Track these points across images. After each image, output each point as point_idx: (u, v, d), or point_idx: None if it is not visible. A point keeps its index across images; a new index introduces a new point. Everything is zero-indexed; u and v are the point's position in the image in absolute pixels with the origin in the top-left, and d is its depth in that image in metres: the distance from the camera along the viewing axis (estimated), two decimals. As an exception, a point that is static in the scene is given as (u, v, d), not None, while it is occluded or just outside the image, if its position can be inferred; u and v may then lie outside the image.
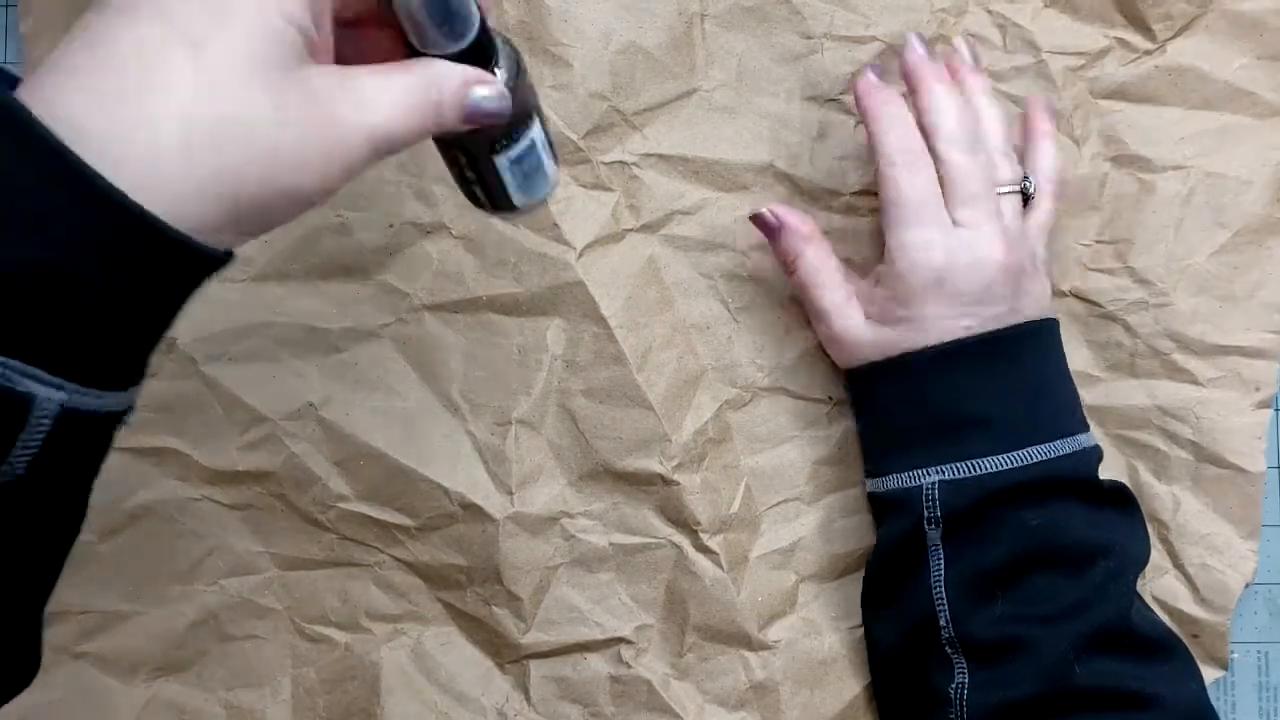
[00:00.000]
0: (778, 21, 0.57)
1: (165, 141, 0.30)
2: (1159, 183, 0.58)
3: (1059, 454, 0.51)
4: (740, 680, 0.57)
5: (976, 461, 0.50)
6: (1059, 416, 0.52)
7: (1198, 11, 0.58)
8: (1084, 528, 0.50)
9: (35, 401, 0.30)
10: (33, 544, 0.34)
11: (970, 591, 0.50)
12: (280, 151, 0.32)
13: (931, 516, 0.51)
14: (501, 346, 0.57)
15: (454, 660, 0.57)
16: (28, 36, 0.56)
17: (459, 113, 0.37)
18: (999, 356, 0.51)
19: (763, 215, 0.55)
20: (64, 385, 0.30)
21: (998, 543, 0.50)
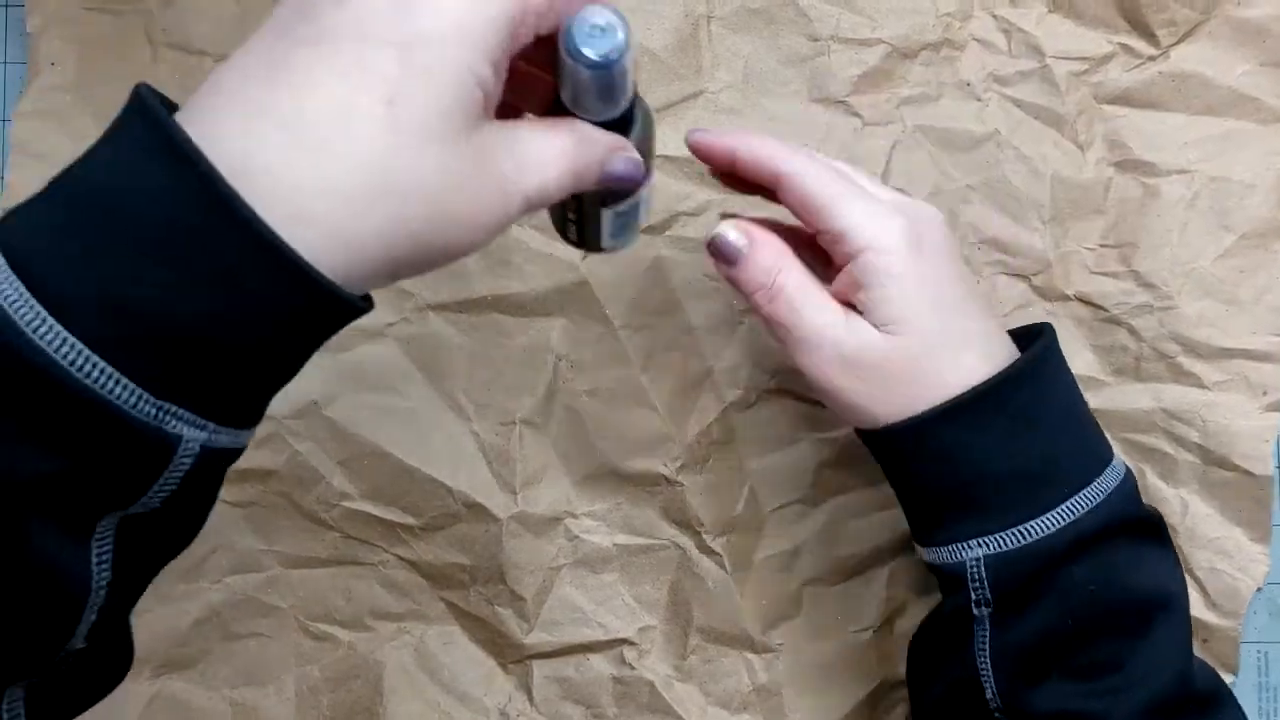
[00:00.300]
0: (784, 24, 0.57)
1: (349, 195, 0.31)
2: (1163, 187, 0.58)
3: (1108, 492, 0.45)
4: (743, 683, 0.57)
5: (1024, 528, 0.44)
6: (1093, 445, 0.47)
7: (1201, 18, 0.58)
8: (1139, 579, 0.45)
9: (182, 442, 0.31)
10: (152, 562, 0.36)
11: (1022, 665, 0.45)
12: (450, 211, 0.33)
13: (981, 597, 0.45)
14: (506, 346, 0.57)
15: (457, 660, 0.57)
16: (33, 34, 0.56)
17: (597, 176, 0.38)
18: (1020, 396, 0.45)
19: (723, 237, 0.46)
20: (206, 425, 0.32)
21: (1051, 612, 0.44)
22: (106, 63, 0.57)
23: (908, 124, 0.58)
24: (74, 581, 0.32)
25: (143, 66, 0.57)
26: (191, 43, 0.57)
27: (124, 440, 0.30)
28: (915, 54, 0.58)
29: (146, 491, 0.32)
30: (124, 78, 0.57)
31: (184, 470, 0.32)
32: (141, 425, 0.30)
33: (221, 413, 0.32)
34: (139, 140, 0.31)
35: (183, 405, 0.31)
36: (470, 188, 0.33)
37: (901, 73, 0.58)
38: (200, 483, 0.33)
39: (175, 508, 0.33)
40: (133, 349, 0.30)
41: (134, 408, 0.30)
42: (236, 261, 0.30)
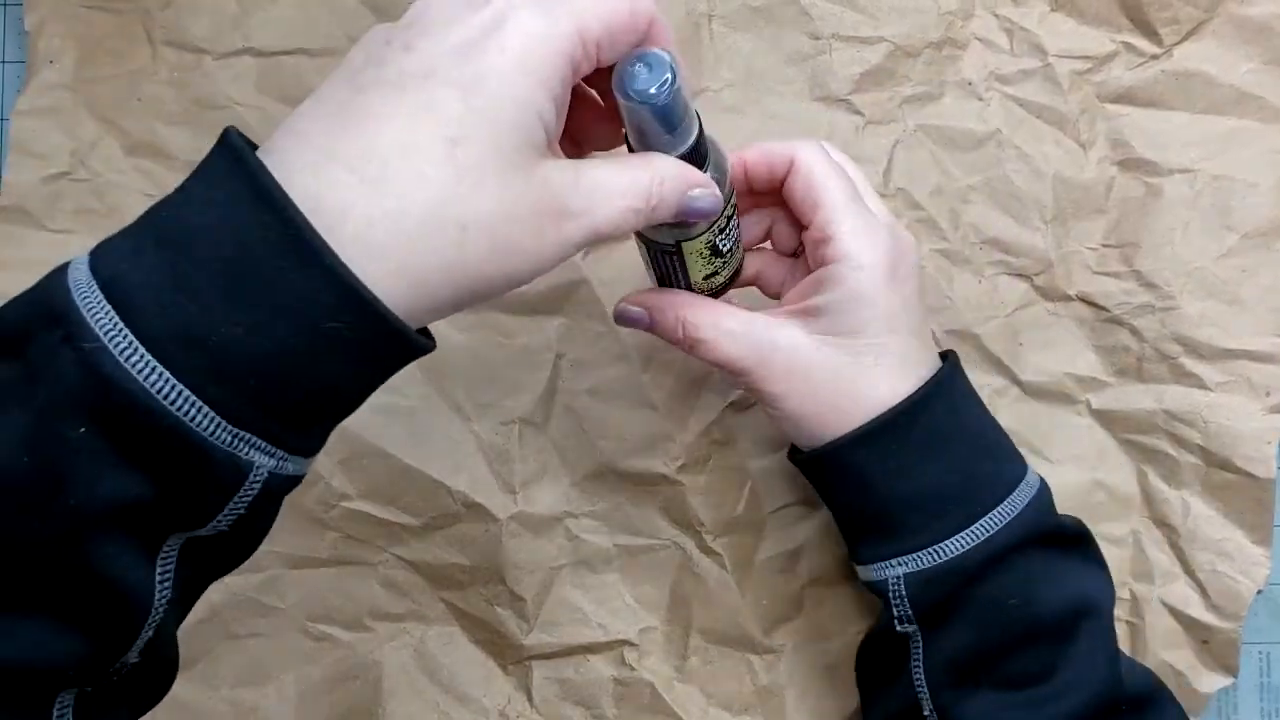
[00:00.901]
0: (786, 22, 0.57)
1: (415, 235, 0.33)
2: (1166, 186, 0.58)
3: (1021, 508, 0.47)
4: (745, 684, 0.57)
5: (939, 548, 0.46)
6: (1004, 463, 0.48)
7: (1204, 16, 0.58)
8: (1059, 590, 0.47)
9: (254, 469, 0.33)
10: (212, 576, 0.38)
11: (953, 678, 0.47)
12: (513, 245, 0.34)
13: (902, 614, 0.47)
14: (506, 346, 0.57)
15: (456, 660, 0.57)
16: (31, 33, 0.56)
17: (675, 210, 0.39)
18: (930, 419, 0.47)
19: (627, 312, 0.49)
20: (276, 453, 0.34)
21: (973, 627, 0.47)
22: (105, 61, 0.57)
23: (909, 123, 0.58)
24: (138, 598, 0.34)
25: (141, 65, 0.57)
26: (190, 41, 0.57)
27: (202, 465, 0.32)
28: (917, 53, 0.57)
29: (217, 515, 0.33)
30: (122, 76, 0.57)
31: (252, 495, 0.34)
32: (219, 452, 0.32)
33: (290, 443, 0.34)
34: (228, 184, 0.33)
35: (258, 434, 0.33)
36: (532, 221, 0.35)
37: (903, 71, 0.57)
38: (263, 508, 0.35)
39: (239, 534, 0.35)
40: (216, 381, 0.31)
41: (213, 435, 0.32)
42: (316, 303, 0.32)
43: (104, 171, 0.56)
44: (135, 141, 0.57)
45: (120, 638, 0.34)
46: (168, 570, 0.34)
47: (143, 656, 0.35)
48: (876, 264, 0.46)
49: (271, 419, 0.33)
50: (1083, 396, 0.58)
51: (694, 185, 0.40)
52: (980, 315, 0.58)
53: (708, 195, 0.40)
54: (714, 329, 0.47)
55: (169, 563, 0.34)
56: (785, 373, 0.47)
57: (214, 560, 0.37)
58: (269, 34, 0.57)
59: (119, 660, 0.35)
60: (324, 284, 0.32)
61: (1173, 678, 0.56)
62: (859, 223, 0.46)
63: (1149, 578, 0.57)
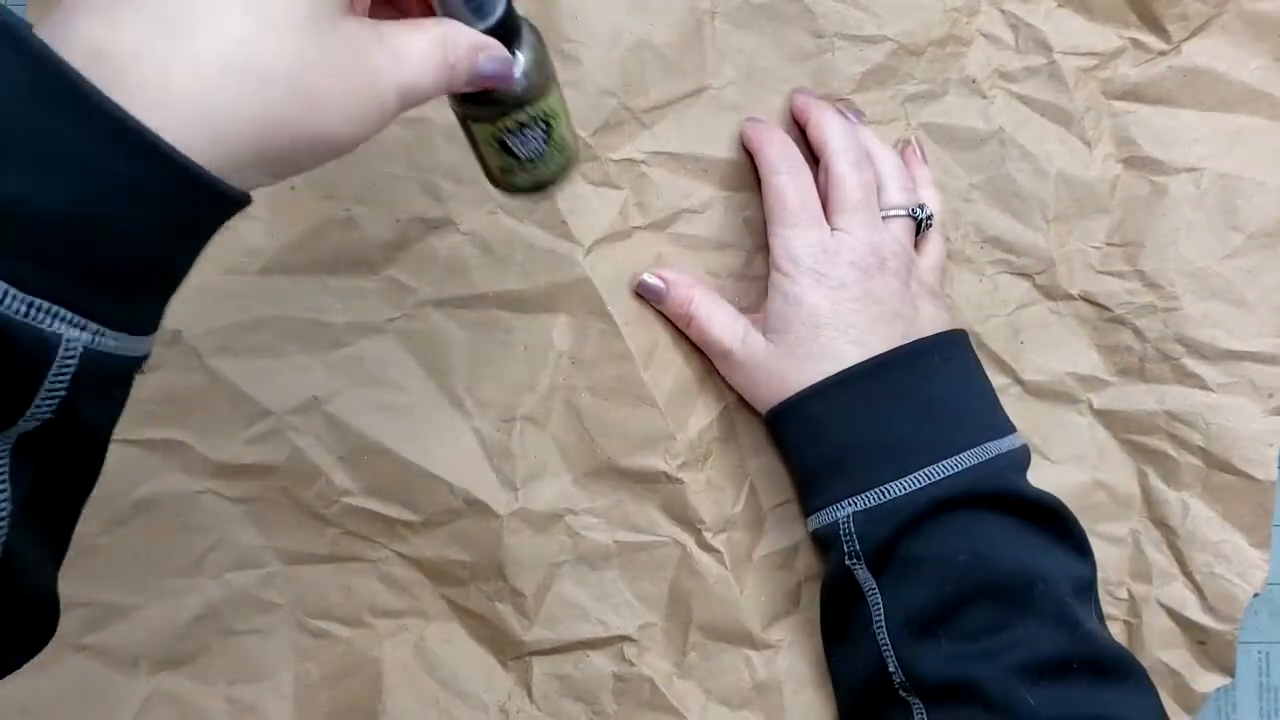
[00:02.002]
0: (788, 20, 0.57)
1: (211, 78, 0.31)
2: (1171, 185, 0.57)
3: (967, 465, 0.51)
4: (743, 679, 0.57)
5: (885, 487, 0.51)
6: (965, 429, 0.52)
7: (1214, 12, 0.57)
8: (1013, 552, 0.50)
9: (62, 341, 0.30)
10: (57, 493, 0.34)
11: (912, 633, 0.50)
12: (321, 97, 0.33)
13: (851, 550, 0.51)
14: (507, 343, 0.57)
15: (456, 657, 0.57)
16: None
17: (468, 75, 0.38)
18: (887, 378, 0.52)
19: (646, 282, 0.56)
20: (86, 326, 0.31)
21: (929, 581, 0.50)
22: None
23: (912, 121, 0.57)
24: None
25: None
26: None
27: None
28: (921, 51, 0.57)
29: (32, 400, 0.30)
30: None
31: (68, 374, 0.31)
32: (12, 324, 0.29)
33: (105, 313, 0.31)
34: None
35: (57, 303, 0.30)
36: (337, 74, 0.34)
37: (906, 69, 0.57)
38: (94, 394, 0.32)
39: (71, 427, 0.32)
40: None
41: (4, 305, 0.29)
42: (92, 146, 0.29)
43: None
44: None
45: None
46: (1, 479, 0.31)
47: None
48: (797, 270, 0.53)
49: (71, 284, 0.30)
50: (1084, 396, 0.58)
51: (483, 48, 0.39)
52: (981, 314, 0.58)
53: (495, 60, 0.39)
54: (710, 310, 0.55)
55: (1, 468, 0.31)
56: (746, 364, 0.55)
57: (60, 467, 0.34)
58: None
59: None
60: (100, 129, 0.29)
61: (1169, 677, 0.56)
62: (787, 231, 0.54)
63: (1147, 578, 0.57)
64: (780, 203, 0.54)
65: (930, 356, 0.53)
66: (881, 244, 0.53)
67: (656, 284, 0.56)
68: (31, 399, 0.30)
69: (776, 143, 0.55)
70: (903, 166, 0.56)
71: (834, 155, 0.54)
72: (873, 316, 0.52)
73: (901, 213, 0.55)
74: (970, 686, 0.48)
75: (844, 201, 0.53)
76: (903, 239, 0.54)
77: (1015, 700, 0.47)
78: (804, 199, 0.54)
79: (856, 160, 0.54)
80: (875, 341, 0.52)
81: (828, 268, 0.53)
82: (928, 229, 0.56)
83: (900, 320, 0.53)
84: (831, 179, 0.54)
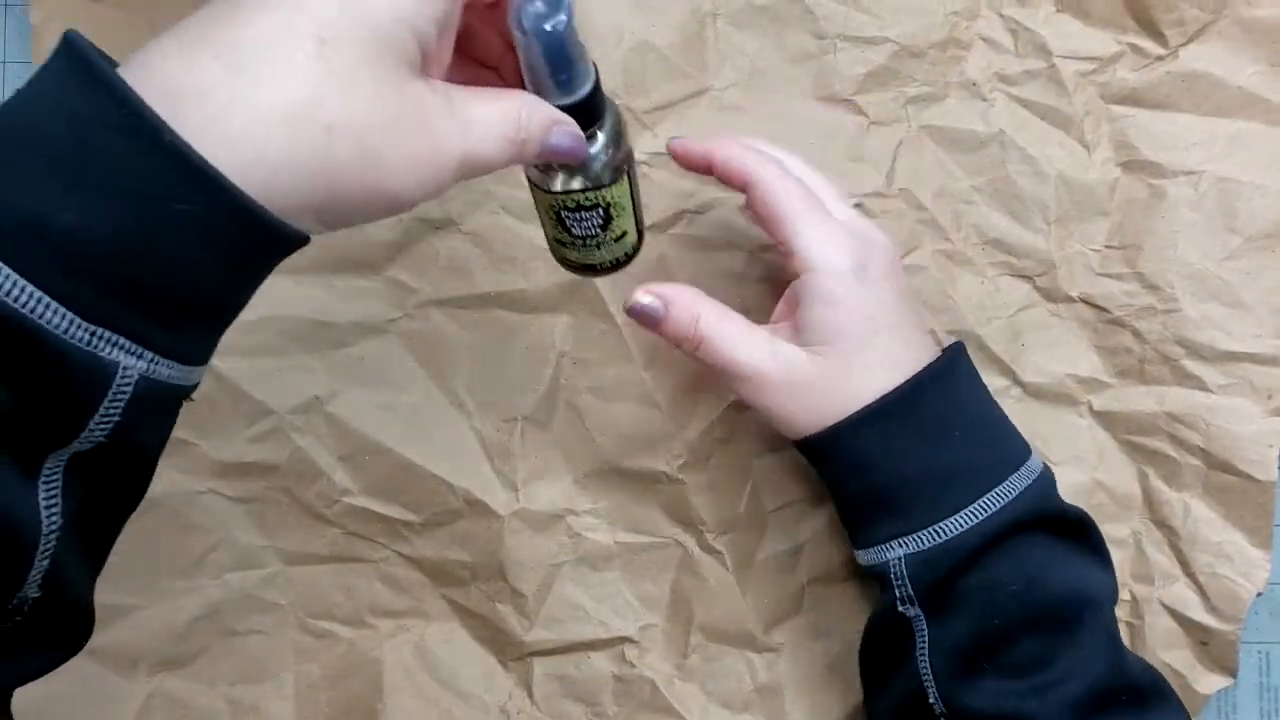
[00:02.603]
0: (790, 21, 0.57)
1: (274, 125, 0.32)
2: (1170, 188, 0.57)
3: (1019, 490, 0.48)
4: (744, 682, 0.57)
5: (939, 527, 0.47)
6: (1005, 447, 0.49)
7: (1210, 18, 0.57)
8: (1061, 577, 0.48)
9: (119, 369, 0.31)
10: (103, 510, 0.36)
11: (957, 665, 0.47)
12: (382, 156, 0.34)
13: (905, 595, 0.48)
14: (509, 343, 0.57)
15: (457, 657, 0.57)
16: (36, 27, 0.56)
17: (539, 148, 0.39)
18: (924, 403, 0.48)
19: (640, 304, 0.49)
20: (143, 354, 0.32)
21: (976, 612, 0.47)
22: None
23: (913, 123, 0.57)
24: (22, 522, 0.32)
25: (145, 59, 0.57)
26: (194, 35, 0.57)
27: (60, 366, 0.30)
28: (922, 53, 0.57)
29: (87, 423, 0.32)
30: (126, 70, 0.57)
31: (123, 400, 0.32)
32: (75, 351, 0.30)
33: (161, 343, 0.32)
34: (61, 76, 0.32)
35: (117, 331, 0.31)
36: (400, 134, 0.34)
37: (908, 71, 0.57)
38: (145, 420, 0.33)
39: (122, 450, 0.33)
40: (63, 274, 0.30)
41: (65, 332, 0.30)
42: (162, 183, 0.31)
43: (107, 166, 0.56)
44: (138, 136, 0.56)
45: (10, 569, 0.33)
46: (53, 494, 0.33)
47: (45, 591, 0.34)
48: (842, 268, 0.48)
49: (132, 314, 0.31)
50: (1084, 398, 0.58)
51: (558, 123, 0.39)
52: (982, 316, 0.58)
53: (569, 135, 0.40)
54: (723, 327, 0.48)
55: (53, 486, 0.33)
56: (784, 383, 0.48)
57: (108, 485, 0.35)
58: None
59: (16, 595, 0.33)
60: (167, 163, 0.31)
61: (1172, 678, 0.56)
62: (819, 230, 0.48)
63: (1149, 579, 0.57)
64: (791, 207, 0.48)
65: (958, 370, 0.50)
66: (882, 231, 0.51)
67: (653, 304, 0.49)
68: (87, 422, 0.32)
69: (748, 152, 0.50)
70: None
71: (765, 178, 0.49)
72: (910, 319, 0.50)
73: None
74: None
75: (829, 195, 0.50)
76: None
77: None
78: (810, 199, 0.49)
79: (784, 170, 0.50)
80: (916, 339, 0.49)
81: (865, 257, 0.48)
82: None
83: (921, 321, 0.51)
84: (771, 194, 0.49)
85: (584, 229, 0.45)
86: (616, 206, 0.45)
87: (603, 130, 0.42)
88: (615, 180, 0.43)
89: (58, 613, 0.35)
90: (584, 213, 0.44)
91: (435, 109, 0.35)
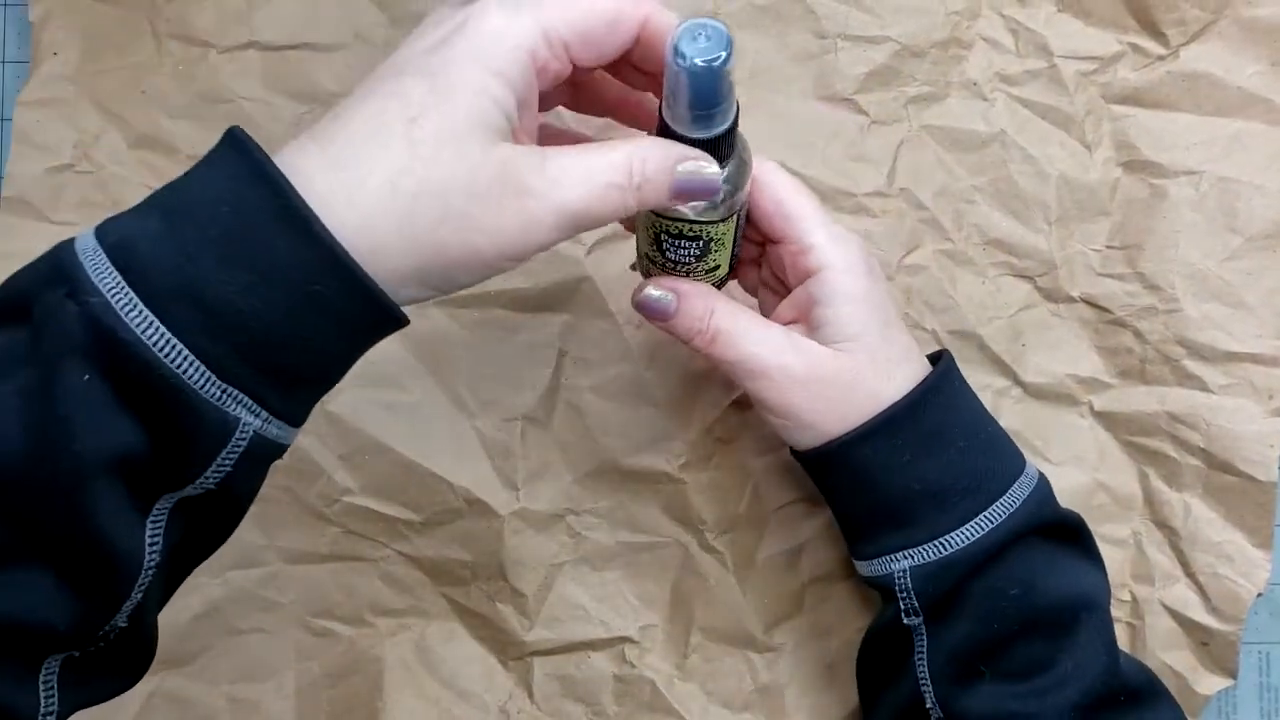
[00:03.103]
0: (792, 21, 0.57)
1: (374, 201, 0.35)
2: (1171, 188, 0.57)
3: (1022, 499, 0.48)
4: (745, 682, 0.57)
5: (943, 540, 0.47)
6: (1005, 457, 0.49)
7: (1211, 17, 0.57)
8: (1059, 581, 0.48)
9: (240, 424, 0.35)
10: (193, 550, 0.39)
11: (956, 669, 0.47)
12: (469, 216, 0.36)
13: (909, 607, 0.48)
14: (510, 342, 0.57)
15: (457, 656, 0.57)
16: (36, 24, 0.56)
17: (667, 187, 0.40)
18: (930, 416, 0.48)
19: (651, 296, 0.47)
20: (259, 413, 0.36)
21: (975, 618, 0.47)
22: (109, 53, 0.57)
23: (914, 123, 0.57)
24: (130, 557, 0.35)
25: (146, 58, 0.57)
26: (194, 34, 0.57)
27: (193, 417, 0.34)
28: (923, 53, 0.57)
29: (205, 471, 0.35)
30: (127, 69, 0.57)
31: (238, 453, 0.36)
32: (208, 406, 0.34)
33: (276, 404, 0.36)
34: (227, 163, 0.36)
35: (245, 392, 0.35)
36: (489, 196, 0.36)
37: (909, 71, 0.57)
38: (249, 472, 0.37)
39: (224, 498, 0.37)
40: (209, 338, 0.34)
41: (203, 389, 0.34)
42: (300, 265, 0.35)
43: (107, 164, 0.56)
44: (139, 134, 0.57)
45: (110, 596, 0.35)
46: (157, 532, 0.36)
47: (130, 623, 0.36)
48: (857, 266, 0.47)
49: (259, 378, 0.35)
50: (1085, 398, 0.58)
51: (683, 160, 0.40)
52: (983, 316, 0.58)
53: (700, 173, 0.40)
54: (739, 321, 0.47)
55: (159, 524, 0.36)
56: (808, 379, 0.47)
57: (200, 529, 0.38)
58: (274, 28, 0.57)
59: (108, 622, 0.36)
60: (307, 247, 0.34)
61: (1172, 679, 0.56)
62: (833, 230, 0.48)
63: (1149, 579, 0.57)
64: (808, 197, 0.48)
65: (951, 381, 0.50)
66: None
67: (664, 298, 0.47)
68: (205, 469, 0.35)
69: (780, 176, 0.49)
70: None
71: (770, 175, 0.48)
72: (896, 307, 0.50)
73: None
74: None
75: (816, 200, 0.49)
76: None
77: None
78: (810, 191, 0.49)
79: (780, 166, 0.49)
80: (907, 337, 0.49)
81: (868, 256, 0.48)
82: None
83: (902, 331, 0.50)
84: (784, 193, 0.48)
85: (679, 255, 0.45)
86: (718, 242, 0.45)
87: (731, 164, 0.41)
88: (725, 218, 0.43)
89: (133, 643, 0.38)
90: (684, 241, 0.44)
91: (523, 168, 0.37)
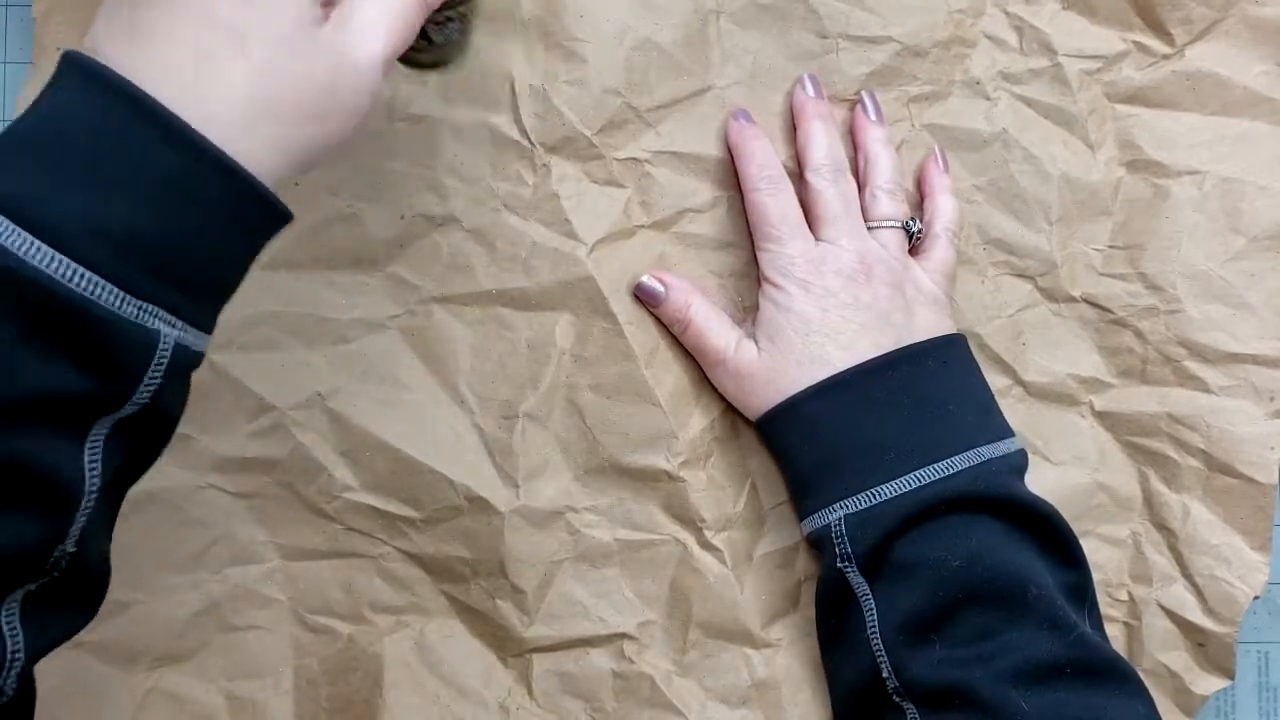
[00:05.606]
0: (793, 20, 0.57)
1: (229, 118, 0.37)
2: (1174, 188, 0.57)
3: (959, 469, 0.51)
4: (743, 678, 0.57)
5: (876, 490, 0.51)
6: (959, 432, 0.52)
7: (1217, 16, 0.57)
8: (1006, 556, 0.50)
9: (161, 337, 0.37)
10: (130, 471, 0.40)
11: (906, 638, 0.50)
12: (319, 109, 0.39)
13: (843, 553, 0.51)
14: (510, 340, 0.57)
15: (457, 653, 0.57)
16: (38, 20, 0.56)
17: None
18: (881, 381, 0.52)
19: (645, 284, 0.56)
20: (175, 323, 0.37)
21: (922, 586, 0.50)
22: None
23: (916, 122, 0.57)
24: (70, 482, 0.36)
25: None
26: (196, 29, 0.56)
27: (116, 339, 0.35)
28: (925, 52, 0.57)
29: (137, 388, 0.36)
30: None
31: (164, 365, 0.37)
32: (128, 324, 0.36)
33: (186, 313, 0.38)
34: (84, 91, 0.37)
35: (159, 305, 0.36)
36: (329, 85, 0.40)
37: (911, 70, 0.57)
38: (176, 385, 0.38)
39: (156, 414, 0.38)
40: (117, 262, 0.35)
41: (120, 309, 0.35)
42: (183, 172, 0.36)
43: (108, 159, 0.56)
44: (140, 130, 0.56)
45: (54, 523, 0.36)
46: (95, 456, 0.37)
47: (79, 548, 0.37)
48: (786, 281, 0.53)
49: (168, 290, 0.37)
50: (1085, 398, 0.58)
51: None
52: (984, 315, 0.58)
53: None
54: (708, 316, 0.56)
55: (96, 449, 0.37)
56: (736, 374, 0.55)
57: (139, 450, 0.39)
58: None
59: (55, 548, 0.37)
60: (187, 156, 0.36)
61: (1169, 679, 0.56)
62: (771, 245, 0.54)
63: (1147, 580, 0.57)
64: (763, 219, 0.54)
65: (925, 360, 0.53)
66: (867, 252, 0.54)
67: (655, 286, 0.56)
68: (137, 387, 0.37)
69: (757, 158, 0.55)
70: (898, 177, 0.56)
71: (811, 170, 0.55)
72: (861, 323, 0.53)
73: (890, 224, 0.55)
74: (964, 691, 0.48)
75: (825, 214, 0.54)
76: (891, 247, 0.55)
77: (1008, 704, 0.47)
78: (785, 213, 0.54)
79: (833, 173, 0.55)
80: (865, 347, 0.52)
81: (814, 277, 0.53)
82: (922, 238, 0.56)
83: (891, 327, 0.53)
84: (810, 193, 0.55)
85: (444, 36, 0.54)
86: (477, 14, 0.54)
87: None
88: None
89: (84, 570, 0.38)
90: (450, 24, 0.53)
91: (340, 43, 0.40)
